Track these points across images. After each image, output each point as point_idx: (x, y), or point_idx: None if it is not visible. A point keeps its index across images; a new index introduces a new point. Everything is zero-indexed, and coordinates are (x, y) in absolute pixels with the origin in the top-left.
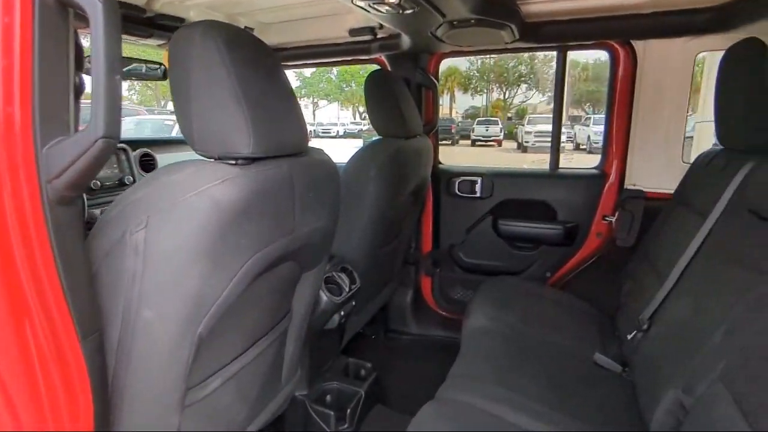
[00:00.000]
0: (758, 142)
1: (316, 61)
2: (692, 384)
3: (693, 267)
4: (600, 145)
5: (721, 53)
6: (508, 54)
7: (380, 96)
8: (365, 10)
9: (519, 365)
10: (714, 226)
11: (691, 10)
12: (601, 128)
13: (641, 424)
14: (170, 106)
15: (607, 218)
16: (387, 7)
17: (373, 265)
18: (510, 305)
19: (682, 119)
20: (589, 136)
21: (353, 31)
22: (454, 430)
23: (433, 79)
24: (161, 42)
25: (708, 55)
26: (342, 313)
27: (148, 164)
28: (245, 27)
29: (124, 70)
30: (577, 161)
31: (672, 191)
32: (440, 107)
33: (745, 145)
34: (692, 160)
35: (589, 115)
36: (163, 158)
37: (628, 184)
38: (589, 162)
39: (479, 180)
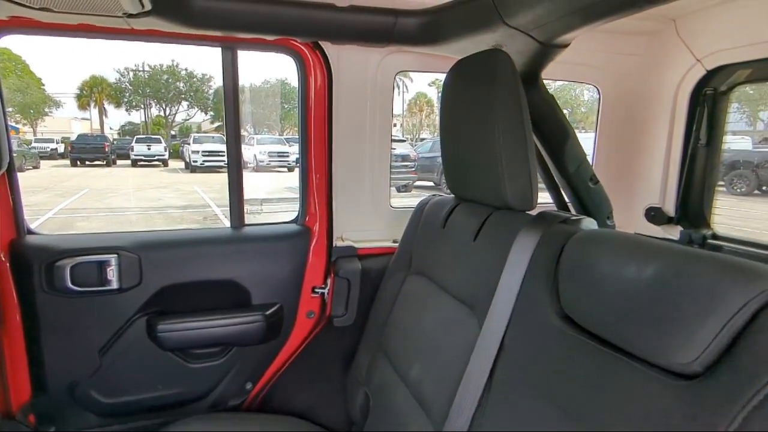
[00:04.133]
0: (521, 199)
1: None
2: None
3: (492, 412)
4: (266, 162)
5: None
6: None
7: None
8: None
9: None
10: (507, 337)
11: (395, 11)
12: (266, 148)
13: None
14: None
15: (318, 290)
16: None
17: None
18: None
19: (386, 152)
20: (255, 155)
21: None
22: None
23: None
24: None
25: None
26: None
27: None
28: None
29: None
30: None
31: (387, 244)
32: (75, 121)
33: (499, 202)
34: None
35: (252, 135)
36: None
37: (337, 239)
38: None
39: (113, 259)
